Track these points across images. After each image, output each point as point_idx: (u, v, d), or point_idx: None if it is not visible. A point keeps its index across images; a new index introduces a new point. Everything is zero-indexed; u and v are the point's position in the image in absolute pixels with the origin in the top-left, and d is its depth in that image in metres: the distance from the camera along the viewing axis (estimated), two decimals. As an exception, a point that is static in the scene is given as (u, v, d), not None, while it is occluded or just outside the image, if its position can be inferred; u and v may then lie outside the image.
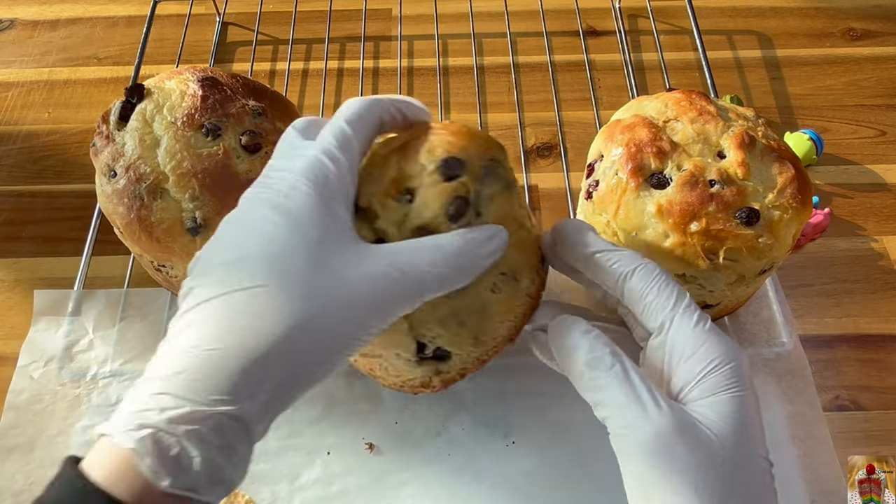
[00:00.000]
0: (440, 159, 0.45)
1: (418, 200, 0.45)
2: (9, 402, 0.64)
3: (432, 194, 0.45)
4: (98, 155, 0.61)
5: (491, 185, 0.47)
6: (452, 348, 0.49)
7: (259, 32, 0.96)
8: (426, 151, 0.46)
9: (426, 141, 0.46)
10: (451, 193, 0.45)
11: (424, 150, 0.46)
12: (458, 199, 0.45)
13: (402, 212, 0.45)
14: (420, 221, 0.44)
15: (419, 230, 0.44)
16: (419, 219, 0.44)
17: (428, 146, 0.46)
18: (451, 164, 0.45)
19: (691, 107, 0.61)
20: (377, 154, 0.47)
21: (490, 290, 0.48)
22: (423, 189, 0.45)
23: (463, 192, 0.45)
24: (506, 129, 0.87)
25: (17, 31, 0.98)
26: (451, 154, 0.45)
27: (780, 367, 0.66)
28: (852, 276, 0.74)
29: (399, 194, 0.45)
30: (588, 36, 0.95)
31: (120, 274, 0.73)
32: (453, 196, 0.45)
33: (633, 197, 0.58)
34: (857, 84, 0.91)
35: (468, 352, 0.49)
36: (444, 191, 0.45)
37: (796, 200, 0.57)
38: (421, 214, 0.45)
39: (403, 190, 0.45)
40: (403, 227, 0.45)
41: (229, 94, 0.62)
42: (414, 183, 0.45)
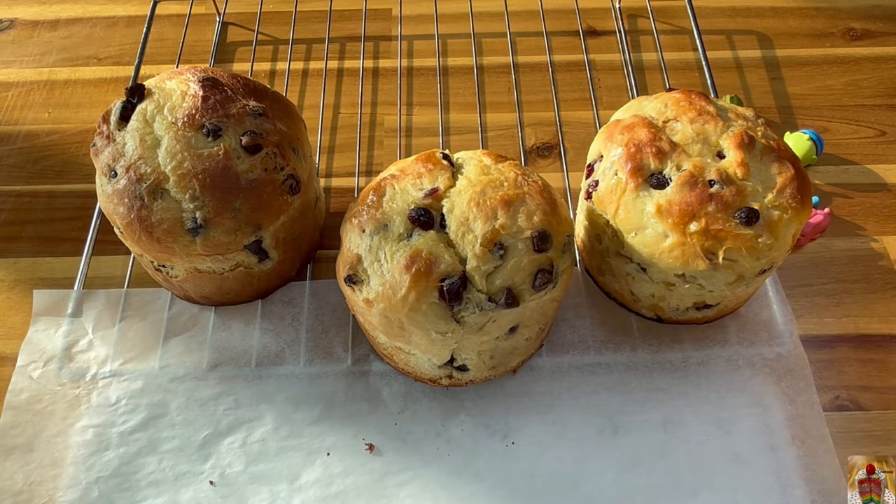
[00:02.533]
0: (537, 231, 0.53)
1: (511, 262, 0.52)
2: (8, 402, 0.64)
3: (525, 262, 0.52)
4: (98, 155, 0.61)
5: (565, 261, 0.55)
6: (473, 367, 0.59)
7: (259, 32, 0.96)
8: (525, 216, 0.53)
9: (524, 203, 0.54)
10: (539, 265, 0.53)
11: (524, 214, 0.53)
12: (543, 272, 0.53)
13: (493, 264, 0.52)
14: (508, 283, 0.52)
15: (505, 289, 0.52)
16: (508, 280, 0.52)
17: (527, 210, 0.53)
18: (543, 237, 0.53)
19: (691, 107, 0.61)
20: (485, 193, 0.54)
21: (525, 338, 0.58)
22: (517, 253, 0.52)
23: (548, 266, 0.53)
24: (506, 129, 0.87)
25: (17, 31, 0.98)
26: (545, 227, 0.53)
27: (780, 367, 0.66)
28: (852, 276, 0.74)
29: (494, 246, 0.52)
30: (588, 36, 0.95)
31: (120, 274, 0.73)
32: (540, 268, 0.53)
33: (632, 197, 0.58)
34: (857, 84, 0.90)
35: (483, 372, 0.61)
36: (534, 262, 0.52)
37: (796, 200, 0.57)
38: (511, 276, 0.52)
39: (498, 243, 0.52)
40: (491, 281, 0.52)
41: (230, 95, 0.62)
42: (508, 241, 0.52)
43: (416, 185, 0.55)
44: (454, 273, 0.51)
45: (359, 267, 0.54)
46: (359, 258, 0.54)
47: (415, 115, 0.88)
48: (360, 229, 0.54)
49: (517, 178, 0.55)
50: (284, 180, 0.61)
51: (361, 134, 0.85)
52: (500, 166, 0.57)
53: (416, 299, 0.51)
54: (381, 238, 0.53)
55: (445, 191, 0.55)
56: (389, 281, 0.52)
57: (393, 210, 0.54)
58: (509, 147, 0.85)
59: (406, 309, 0.51)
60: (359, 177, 0.81)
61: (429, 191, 0.55)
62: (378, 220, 0.54)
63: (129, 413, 0.64)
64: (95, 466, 0.61)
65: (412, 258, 0.51)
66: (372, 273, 0.53)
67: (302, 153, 0.65)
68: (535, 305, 0.54)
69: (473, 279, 0.51)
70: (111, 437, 0.63)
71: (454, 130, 0.86)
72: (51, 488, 0.60)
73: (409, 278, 0.51)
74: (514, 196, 0.54)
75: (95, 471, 0.61)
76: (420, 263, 0.51)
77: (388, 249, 0.53)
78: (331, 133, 0.86)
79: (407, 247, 0.52)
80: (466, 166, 0.57)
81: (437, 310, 0.52)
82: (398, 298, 0.51)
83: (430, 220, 0.53)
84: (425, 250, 0.51)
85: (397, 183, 0.56)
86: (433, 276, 0.51)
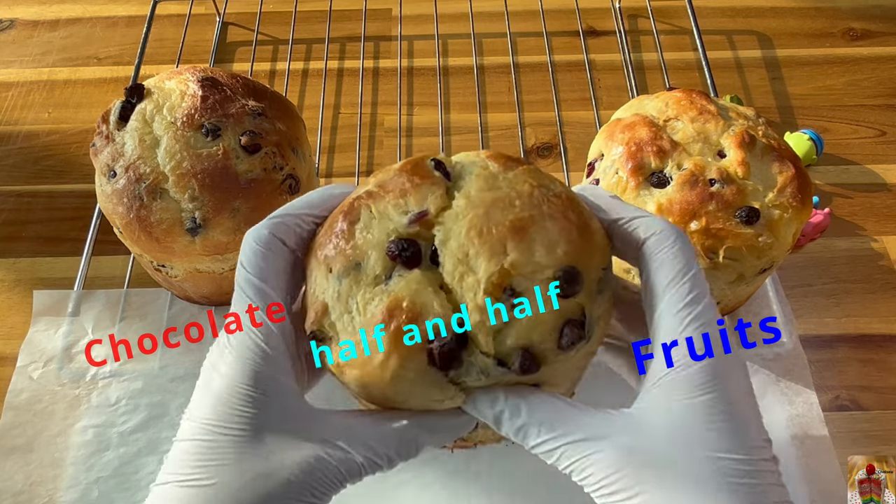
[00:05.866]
0: (561, 268, 0.37)
1: (528, 314, 0.37)
2: (8, 403, 0.64)
3: (547, 312, 0.37)
4: (98, 155, 0.61)
5: (601, 304, 0.40)
6: (483, 426, 0.43)
7: (259, 32, 0.96)
8: (545, 247, 0.38)
9: (543, 229, 0.38)
10: (566, 315, 0.38)
11: (543, 245, 0.38)
12: (572, 324, 0.38)
13: (502, 319, 0.37)
14: (524, 341, 0.37)
15: (520, 350, 0.37)
16: (524, 338, 0.37)
17: (547, 239, 0.38)
18: (571, 276, 0.38)
19: (692, 106, 0.61)
20: (490, 217, 0.39)
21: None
22: (532, 298, 0.37)
23: (578, 315, 0.38)
24: (506, 129, 0.87)
25: (17, 31, 0.98)
26: (573, 263, 0.38)
27: (779, 367, 0.66)
28: (852, 276, 0.74)
29: (503, 293, 0.37)
30: (588, 36, 0.95)
31: (120, 274, 0.73)
32: (568, 319, 0.38)
33: (633, 196, 0.58)
34: (857, 84, 0.91)
35: (490, 434, 0.48)
36: (560, 312, 0.37)
37: (796, 200, 0.57)
38: (528, 334, 0.37)
39: (508, 288, 0.37)
40: (500, 340, 0.37)
41: (229, 95, 0.62)
42: (522, 284, 0.37)
43: (399, 206, 0.40)
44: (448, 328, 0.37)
45: (325, 320, 0.40)
46: (325, 308, 0.40)
47: (415, 115, 0.88)
48: (326, 267, 0.40)
49: (532, 193, 0.40)
50: (284, 180, 0.61)
51: (361, 134, 0.85)
52: (511, 175, 0.41)
53: (398, 366, 0.37)
54: (353, 281, 0.39)
55: (437, 214, 0.40)
56: (363, 341, 0.38)
57: (368, 242, 0.39)
58: (509, 147, 0.85)
59: (387, 379, 0.38)
60: (359, 177, 0.81)
61: (415, 215, 0.40)
62: (349, 256, 0.39)
63: (129, 413, 0.64)
64: (95, 466, 0.61)
65: (390, 311, 0.37)
66: (342, 328, 0.39)
67: (301, 153, 0.65)
68: (562, 368, 0.39)
69: (476, 338, 0.37)
70: (111, 438, 0.63)
71: (454, 130, 0.86)
72: (51, 488, 0.60)
73: (386, 337, 0.37)
74: (528, 220, 0.38)
75: (95, 471, 0.61)
76: (400, 318, 0.37)
77: (361, 297, 0.39)
78: (331, 133, 0.86)
79: (385, 293, 0.38)
80: (467, 177, 0.42)
81: (429, 377, 0.38)
82: (375, 365, 0.38)
83: (415, 255, 0.39)
84: (408, 299, 0.37)
85: (375, 204, 0.41)
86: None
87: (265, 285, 0.39)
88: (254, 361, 0.37)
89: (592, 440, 0.35)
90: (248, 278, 0.39)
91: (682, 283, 0.37)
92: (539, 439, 0.36)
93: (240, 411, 0.36)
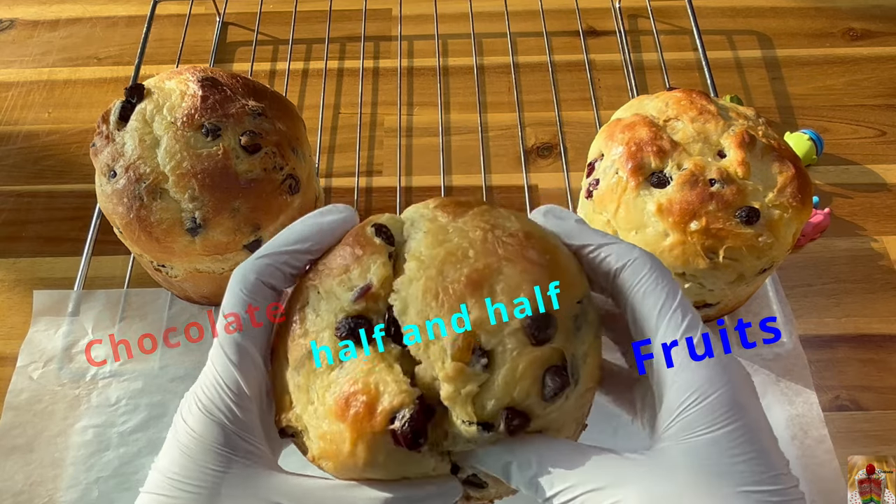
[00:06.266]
0: (527, 318, 0.35)
1: (501, 372, 0.34)
2: (8, 403, 0.64)
3: (522, 366, 0.34)
4: (98, 155, 0.61)
5: (584, 340, 0.37)
6: (493, 480, 0.40)
7: (259, 32, 0.96)
8: (505, 294, 0.35)
9: (501, 275, 0.35)
10: (544, 364, 0.35)
11: (504, 294, 0.35)
12: (552, 372, 0.35)
13: (476, 383, 0.34)
14: (505, 401, 0.34)
15: (504, 411, 0.34)
16: (503, 398, 0.34)
17: (508, 286, 0.35)
18: (540, 322, 0.35)
19: (692, 106, 0.61)
20: (444, 275, 0.36)
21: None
22: (505, 354, 0.34)
23: (557, 361, 0.35)
24: (506, 129, 0.87)
25: (17, 31, 0.98)
26: (544, 308, 0.35)
27: (779, 368, 0.65)
28: (852, 276, 0.74)
29: (471, 355, 0.34)
30: (588, 36, 0.95)
31: (120, 274, 0.73)
32: (548, 366, 0.35)
33: (633, 196, 0.58)
34: (857, 84, 0.90)
35: (504, 488, 0.41)
36: (536, 361, 0.35)
37: (796, 199, 0.57)
38: (507, 392, 0.34)
39: (477, 349, 0.34)
40: (480, 405, 0.34)
41: (229, 95, 0.62)
42: (490, 342, 0.34)
43: (344, 282, 0.38)
44: (405, 404, 0.34)
45: (291, 414, 0.38)
46: (290, 402, 0.38)
47: (415, 115, 0.88)
48: (284, 359, 0.38)
49: (486, 238, 0.37)
50: (284, 180, 0.61)
51: (361, 134, 0.85)
52: (461, 223, 0.38)
53: (367, 453, 0.35)
54: (308, 372, 0.37)
55: (382, 283, 0.37)
56: (328, 432, 0.36)
57: (318, 327, 0.37)
58: (509, 147, 0.85)
59: (360, 466, 0.36)
60: (359, 177, 0.81)
61: (359, 290, 0.37)
62: (301, 346, 0.37)
63: (129, 413, 0.64)
64: (95, 466, 0.61)
65: (346, 399, 0.35)
66: (308, 420, 0.37)
67: (301, 153, 0.65)
68: (558, 414, 0.36)
69: (454, 409, 0.34)
70: (111, 438, 0.63)
71: (454, 130, 0.86)
72: (51, 488, 0.60)
73: (347, 427, 0.35)
74: (484, 270, 0.35)
75: (95, 471, 0.61)
76: (357, 403, 0.35)
77: (320, 386, 0.36)
78: (331, 133, 0.86)
79: (340, 379, 0.36)
80: (416, 235, 0.39)
81: (400, 456, 0.35)
82: (345, 455, 0.35)
83: (367, 332, 0.37)
84: (361, 382, 0.35)
85: (321, 283, 0.38)
86: (378, 417, 0.34)
87: (246, 341, 0.37)
88: (221, 422, 0.36)
89: (613, 487, 0.33)
90: (230, 339, 0.37)
91: (673, 312, 0.36)
92: (554, 490, 0.34)
93: (202, 469, 0.35)
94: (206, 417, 0.36)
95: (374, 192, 0.81)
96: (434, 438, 0.36)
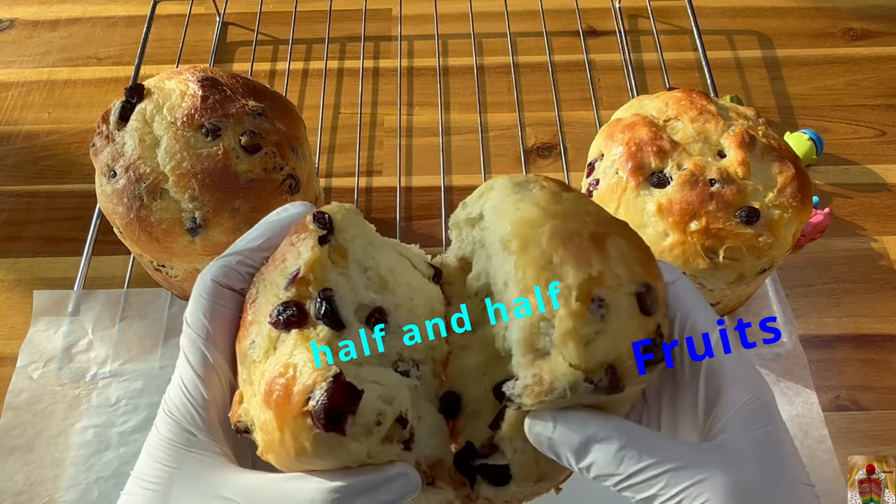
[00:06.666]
0: (641, 283, 0.35)
1: (613, 328, 0.34)
2: (8, 403, 0.64)
3: (631, 327, 0.35)
4: (98, 155, 0.61)
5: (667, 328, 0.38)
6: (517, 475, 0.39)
7: (259, 32, 0.96)
8: (622, 261, 0.36)
9: (617, 244, 0.36)
10: (648, 333, 0.35)
11: (620, 259, 0.36)
12: (652, 343, 0.35)
13: (594, 328, 0.34)
14: (612, 358, 0.34)
15: (608, 366, 0.34)
16: (612, 353, 0.34)
17: (623, 255, 0.36)
18: (650, 292, 0.35)
19: (692, 106, 0.61)
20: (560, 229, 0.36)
21: None
22: (619, 312, 0.34)
23: (655, 334, 0.36)
24: (506, 129, 0.87)
25: (17, 31, 0.98)
26: (649, 281, 0.36)
27: (779, 368, 0.65)
28: (852, 276, 0.74)
29: (591, 303, 0.34)
30: (588, 36, 0.95)
31: (120, 274, 0.73)
32: (648, 336, 0.35)
33: (633, 196, 0.58)
34: (857, 84, 0.90)
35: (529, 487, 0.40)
36: (642, 327, 0.35)
37: (796, 199, 0.57)
38: (615, 348, 0.34)
39: (596, 298, 0.34)
40: (591, 355, 0.34)
41: (229, 95, 0.62)
42: (608, 297, 0.34)
43: (282, 271, 0.38)
44: (317, 383, 0.33)
45: (242, 410, 0.37)
46: (241, 397, 0.38)
47: (415, 115, 0.88)
48: (239, 355, 0.38)
49: (599, 212, 0.39)
50: (284, 180, 0.61)
51: (361, 134, 0.85)
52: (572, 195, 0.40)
53: (291, 438, 0.34)
54: (250, 364, 0.37)
55: (311, 268, 0.37)
56: (264, 422, 0.35)
57: (258, 319, 0.37)
58: (509, 147, 0.85)
59: (292, 456, 0.34)
60: (359, 177, 0.81)
61: (290, 277, 0.37)
62: (246, 338, 0.37)
63: (129, 413, 0.64)
64: (95, 466, 0.61)
65: (269, 386, 0.34)
66: (253, 414, 0.36)
67: (301, 153, 0.65)
68: (633, 392, 0.36)
69: (563, 350, 0.34)
70: (111, 438, 0.63)
71: (454, 130, 0.86)
72: (51, 488, 0.60)
73: (273, 414, 0.34)
74: (604, 234, 0.37)
75: (95, 471, 0.61)
76: (278, 387, 0.34)
77: (258, 377, 0.36)
78: (331, 133, 0.86)
79: (271, 365, 0.36)
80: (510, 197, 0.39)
81: (330, 441, 0.33)
82: (277, 444, 0.34)
83: (296, 315, 0.36)
84: (282, 364, 0.34)
85: (266, 276, 0.39)
86: (294, 398, 0.33)
87: (208, 345, 0.39)
88: (179, 421, 0.37)
89: (694, 468, 0.33)
90: (190, 343, 0.39)
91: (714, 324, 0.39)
92: (639, 465, 0.33)
93: (158, 465, 0.37)
94: (167, 417, 0.37)
95: (374, 192, 0.81)
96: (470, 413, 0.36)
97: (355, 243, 0.41)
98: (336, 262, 0.39)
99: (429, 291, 0.43)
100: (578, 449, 0.34)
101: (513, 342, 0.36)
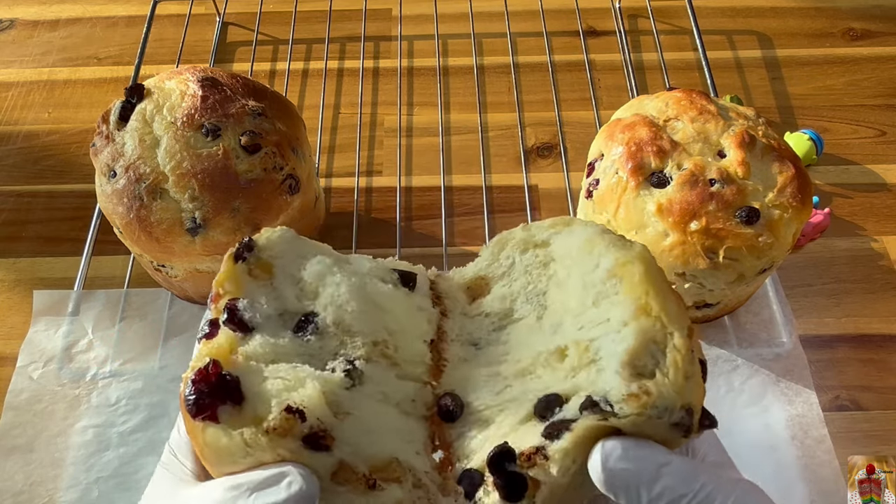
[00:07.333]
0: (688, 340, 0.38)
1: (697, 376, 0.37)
2: (8, 403, 0.64)
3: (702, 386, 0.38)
4: (98, 155, 0.61)
5: None
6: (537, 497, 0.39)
7: (259, 32, 0.96)
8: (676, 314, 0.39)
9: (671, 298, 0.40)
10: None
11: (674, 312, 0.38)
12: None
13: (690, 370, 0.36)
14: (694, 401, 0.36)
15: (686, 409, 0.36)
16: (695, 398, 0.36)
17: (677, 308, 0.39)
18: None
19: (692, 106, 0.61)
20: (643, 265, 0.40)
21: None
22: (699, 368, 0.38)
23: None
24: (506, 129, 0.87)
25: (17, 31, 0.98)
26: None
27: (779, 368, 0.65)
28: (852, 276, 0.74)
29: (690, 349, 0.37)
30: (588, 36, 0.95)
31: (120, 274, 0.73)
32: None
33: (633, 196, 0.58)
34: (857, 84, 0.90)
35: None
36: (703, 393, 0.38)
37: (796, 199, 0.57)
38: (697, 396, 0.37)
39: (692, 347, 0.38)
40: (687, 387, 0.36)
41: (229, 95, 0.62)
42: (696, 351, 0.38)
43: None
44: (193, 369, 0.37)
45: None
46: None
47: (415, 115, 0.88)
48: None
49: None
50: (284, 180, 0.61)
51: (361, 134, 0.85)
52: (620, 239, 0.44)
53: (195, 442, 0.37)
54: None
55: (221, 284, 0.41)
56: None
57: None
58: (509, 147, 0.85)
59: (205, 458, 0.37)
60: (359, 177, 0.81)
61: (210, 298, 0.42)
62: None
63: (129, 413, 0.64)
64: (95, 466, 0.61)
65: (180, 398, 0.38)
66: None
67: (301, 153, 0.65)
68: None
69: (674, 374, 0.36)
70: (111, 438, 0.63)
71: (454, 130, 0.86)
72: (51, 488, 0.60)
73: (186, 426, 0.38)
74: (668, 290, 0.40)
75: (95, 471, 0.61)
76: (182, 399, 0.37)
77: None
78: (331, 133, 0.86)
79: None
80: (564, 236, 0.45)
81: (217, 434, 0.36)
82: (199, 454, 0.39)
83: (210, 330, 0.41)
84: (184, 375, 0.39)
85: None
86: (183, 401, 0.37)
87: None
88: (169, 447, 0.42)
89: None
90: None
91: None
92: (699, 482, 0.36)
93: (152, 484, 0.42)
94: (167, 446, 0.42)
95: (374, 191, 0.81)
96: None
97: (285, 258, 0.44)
98: (258, 276, 0.42)
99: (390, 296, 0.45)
100: (652, 474, 0.35)
101: (611, 355, 0.37)
